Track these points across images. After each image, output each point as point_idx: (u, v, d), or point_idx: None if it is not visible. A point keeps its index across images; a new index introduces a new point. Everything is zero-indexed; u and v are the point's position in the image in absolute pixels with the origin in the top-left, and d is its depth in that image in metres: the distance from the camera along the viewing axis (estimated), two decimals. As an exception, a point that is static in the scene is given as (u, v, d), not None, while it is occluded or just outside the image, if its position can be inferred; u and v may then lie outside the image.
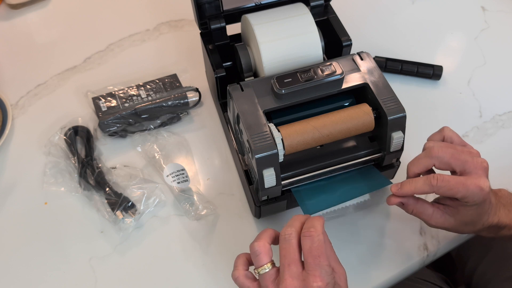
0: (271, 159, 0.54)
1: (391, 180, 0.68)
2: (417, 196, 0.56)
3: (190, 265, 0.64)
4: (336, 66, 0.58)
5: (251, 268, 0.50)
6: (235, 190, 0.70)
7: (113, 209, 0.66)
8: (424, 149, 0.55)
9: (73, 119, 0.75)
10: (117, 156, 0.73)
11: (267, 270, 0.47)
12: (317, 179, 0.61)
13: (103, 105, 0.75)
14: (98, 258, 0.65)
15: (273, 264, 0.48)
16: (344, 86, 0.59)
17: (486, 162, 0.52)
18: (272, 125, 0.55)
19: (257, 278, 0.49)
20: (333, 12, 0.69)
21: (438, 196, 0.57)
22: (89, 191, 0.69)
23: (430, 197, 0.61)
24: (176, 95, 0.76)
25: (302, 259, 0.48)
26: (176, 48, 0.86)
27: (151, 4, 0.93)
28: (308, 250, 0.46)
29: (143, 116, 0.74)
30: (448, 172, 0.54)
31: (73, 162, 0.71)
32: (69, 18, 0.92)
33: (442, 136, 0.57)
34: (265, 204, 0.60)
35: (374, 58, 0.69)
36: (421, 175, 0.55)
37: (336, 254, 0.50)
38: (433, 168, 0.55)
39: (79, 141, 0.74)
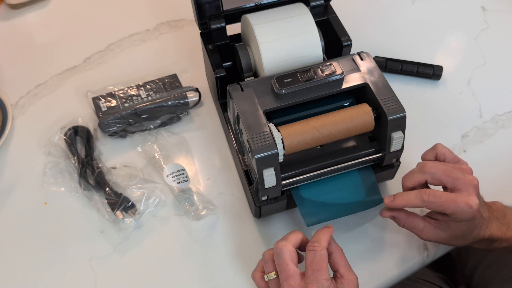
0: (271, 159, 0.54)
1: (391, 181, 0.68)
2: (409, 210, 0.58)
3: (190, 265, 0.64)
4: (336, 66, 0.58)
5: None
6: (235, 190, 0.70)
7: (113, 209, 0.66)
8: (418, 165, 0.57)
9: (73, 119, 0.75)
10: (117, 156, 0.73)
11: (273, 277, 0.52)
12: (317, 179, 0.61)
13: (103, 105, 0.75)
14: (98, 258, 0.65)
15: (277, 272, 0.52)
16: (344, 86, 0.59)
17: (477, 180, 0.54)
18: (272, 125, 0.55)
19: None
20: (333, 12, 0.69)
21: (430, 210, 0.58)
22: (89, 191, 0.69)
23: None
24: (176, 95, 0.76)
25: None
26: (176, 48, 0.86)
27: (151, 4, 0.93)
28: (310, 263, 0.50)
29: (143, 116, 0.74)
30: (441, 188, 0.56)
31: (73, 162, 0.71)
32: (69, 18, 0.92)
33: (435, 153, 0.58)
34: (265, 204, 0.60)
35: (374, 58, 0.69)
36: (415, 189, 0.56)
37: (347, 261, 0.53)
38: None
39: (79, 141, 0.74)
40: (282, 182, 0.58)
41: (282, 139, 0.55)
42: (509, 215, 0.57)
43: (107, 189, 0.68)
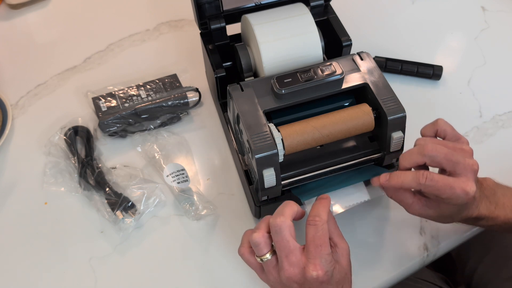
0: (271, 159, 0.54)
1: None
2: None
3: (190, 265, 0.64)
4: (336, 66, 0.58)
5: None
6: (235, 190, 0.70)
7: (113, 209, 0.66)
8: (415, 145, 0.55)
9: (73, 119, 0.75)
10: (117, 156, 0.73)
11: (268, 258, 0.50)
12: (317, 179, 0.61)
13: (103, 105, 0.75)
14: (98, 258, 0.65)
15: (273, 252, 0.50)
16: (344, 86, 0.59)
17: (477, 165, 0.52)
18: (272, 125, 0.55)
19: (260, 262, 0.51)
20: (333, 12, 0.69)
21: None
22: (89, 191, 0.69)
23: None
24: (176, 95, 0.76)
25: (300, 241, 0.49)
26: (176, 48, 0.86)
27: (151, 4, 0.93)
28: (312, 238, 0.48)
29: (143, 116, 0.74)
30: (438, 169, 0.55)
31: (73, 162, 0.71)
32: (69, 18, 0.92)
33: (436, 129, 0.56)
34: (265, 204, 0.60)
35: (374, 58, 0.69)
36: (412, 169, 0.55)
37: (339, 229, 0.52)
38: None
39: (79, 141, 0.74)
40: (282, 182, 0.58)
41: (282, 139, 0.55)
42: (499, 193, 0.56)
43: (107, 189, 0.68)
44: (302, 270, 0.48)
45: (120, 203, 0.66)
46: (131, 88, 0.77)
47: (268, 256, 0.50)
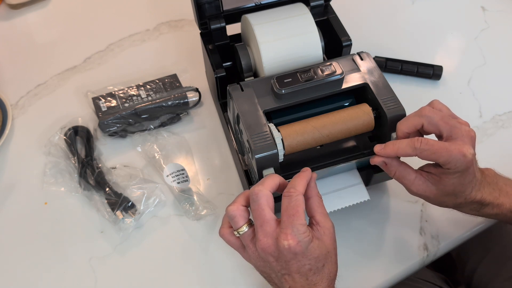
0: (271, 159, 0.54)
1: (391, 181, 0.68)
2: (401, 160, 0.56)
3: (190, 265, 0.64)
4: (336, 66, 0.58)
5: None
6: (235, 190, 0.70)
7: (113, 209, 0.66)
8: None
9: (73, 119, 0.75)
10: (117, 156, 0.73)
11: (245, 230, 0.50)
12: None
13: (103, 105, 0.75)
14: (98, 258, 0.65)
15: (249, 224, 0.50)
16: (344, 86, 0.59)
17: (474, 132, 0.52)
18: (272, 125, 0.55)
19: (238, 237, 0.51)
20: (333, 12, 0.69)
21: (423, 165, 0.56)
22: (89, 191, 0.69)
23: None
24: (176, 95, 0.76)
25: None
26: (176, 48, 0.86)
27: (151, 4, 0.93)
28: (285, 208, 0.48)
29: (143, 116, 0.74)
30: (435, 138, 0.54)
31: (73, 162, 0.71)
32: (69, 18, 0.92)
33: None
34: (265, 204, 0.60)
35: (374, 58, 0.69)
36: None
37: (325, 209, 0.51)
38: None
39: (79, 141, 0.74)
40: (282, 182, 0.58)
41: (282, 139, 0.55)
42: (501, 182, 0.56)
43: (107, 189, 0.68)
44: (275, 241, 0.47)
45: (120, 203, 0.66)
46: (131, 88, 0.77)
47: (244, 228, 0.49)
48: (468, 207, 0.55)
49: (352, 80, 0.59)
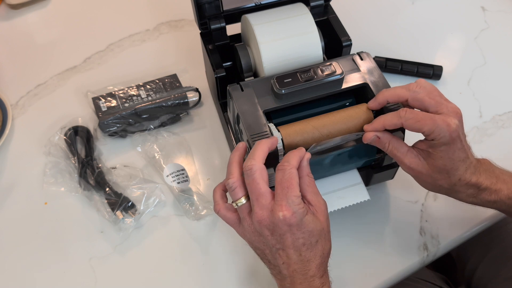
0: (271, 159, 0.54)
1: (391, 181, 0.68)
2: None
3: (190, 265, 0.64)
4: (336, 66, 0.58)
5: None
6: (235, 190, 0.70)
7: (113, 209, 0.66)
8: None
9: (73, 119, 0.75)
10: (117, 156, 0.73)
11: (243, 202, 0.50)
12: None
13: (103, 105, 0.75)
14: (98, 258, 0.65)
15: (247, 196, 0.50)
16: (344, 86, 0.59)
17: (460, 110, 0.52)
18: (272, 125, 0.55)
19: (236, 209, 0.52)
20: (333, 12, 0.69)
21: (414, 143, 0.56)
22: (89, 191, 0.69)
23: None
24: (176, 95, 0.76)
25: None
26: (176, 48, 0.86)
27: (151, 4, 0.93)
28: (279, 181, 0.49)
29: (143, 116, 0.74)
30: None
31: (73, 162, 0.71)
32: (69, 18, 0.92)
33: None
34: (265, 204, 0.60)
35: (374, 58, 0.69)
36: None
37: (317, 188, 0.52)
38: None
39: (79, 141, 0.74)
40: (282, 182, 0.58)
41: (282, 139, 0.55)
42: (497, 171, 0.56)
43: (107, 189, 0.68)
44: (270, 213, 0.48)
45: (120, 203, 0.66)
46: (131, 88, 0.77)
47: (243, 200, 0.50)
48: (464, 192, 0.55)
49: (352, 80, 0.59)
